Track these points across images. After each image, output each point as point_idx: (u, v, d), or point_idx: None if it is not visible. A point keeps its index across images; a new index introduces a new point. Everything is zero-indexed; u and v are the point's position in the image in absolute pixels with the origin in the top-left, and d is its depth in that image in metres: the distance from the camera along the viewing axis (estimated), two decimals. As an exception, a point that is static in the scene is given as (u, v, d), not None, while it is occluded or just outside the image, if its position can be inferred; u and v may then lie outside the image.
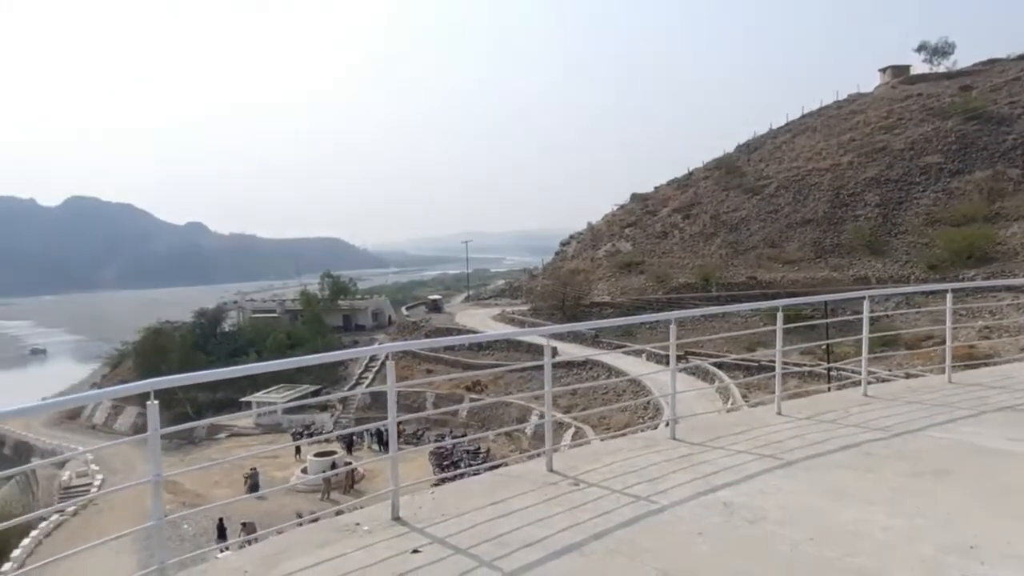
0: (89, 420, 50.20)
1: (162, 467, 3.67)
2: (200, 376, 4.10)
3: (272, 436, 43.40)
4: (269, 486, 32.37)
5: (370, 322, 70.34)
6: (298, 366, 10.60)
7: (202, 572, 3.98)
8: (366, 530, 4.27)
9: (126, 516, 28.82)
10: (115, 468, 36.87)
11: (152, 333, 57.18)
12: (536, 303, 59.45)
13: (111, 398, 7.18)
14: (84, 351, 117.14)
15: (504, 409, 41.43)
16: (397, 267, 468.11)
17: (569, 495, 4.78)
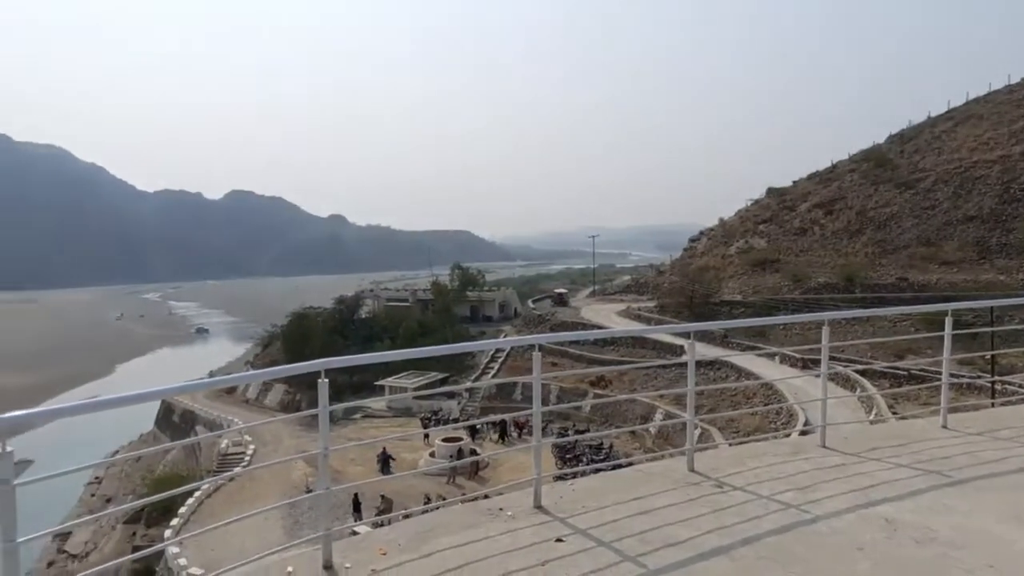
0: (243, 395, 54.90)
1: (329, 442, 3.94)
2: (366, 358, 4.39)
3: (403, 419, 45.47)
4: (399, 467, 33.95)
5: (497, 314, 71.82)
6: (451, 353, 10.94)
7: (360, 541, 4.26)
8: (509, 515, 4.40)
9: (273, 484, 31.39)
10: (265, 440, 40.15)
11: (297, 318, 61.50)
12: (663, 300, 58.22)
13: (275, 377, 8.01)
14: (240, 331, 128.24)
15: (628, 406, 40.98)
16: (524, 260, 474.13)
17: (713, 497, 4.68)
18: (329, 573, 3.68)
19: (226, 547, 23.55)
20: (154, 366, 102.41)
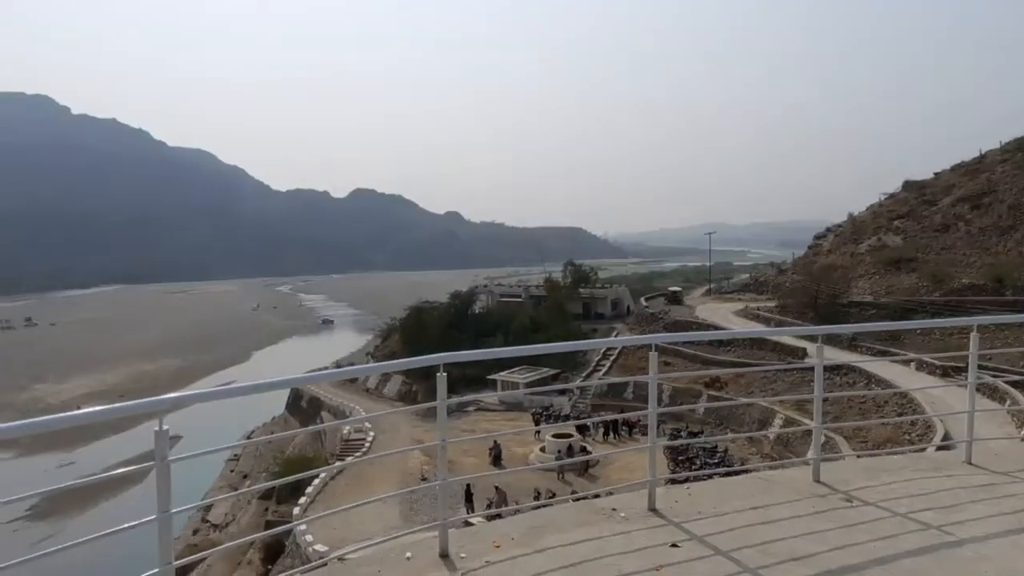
0: (364, 384, 57.64)
1: (447, 433, 4.05)
2: (484, 354, 4.49)
3: (514, 414, 46.06)
4: (509, 460, 34.44)
5: (609, 311, 71.14)
6: (566, 351, 11.12)
7: (475, 532, 4.35)
8: (623, 516, 4.36)
9: (391, 470, 32.75)
10: (383, 428, 41.95)
11: (415, 311, 63.75)
12: (784, 300, 55.45)
13: (397, 369, 8.25)
14: (362, 323, 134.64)
15: (745, 410, 39.40)
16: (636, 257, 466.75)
17: (841, 511, 4.41)
18: (445, 561, 3.78)
19: (347, 527, 24.86)
20: (285, 354, 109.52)
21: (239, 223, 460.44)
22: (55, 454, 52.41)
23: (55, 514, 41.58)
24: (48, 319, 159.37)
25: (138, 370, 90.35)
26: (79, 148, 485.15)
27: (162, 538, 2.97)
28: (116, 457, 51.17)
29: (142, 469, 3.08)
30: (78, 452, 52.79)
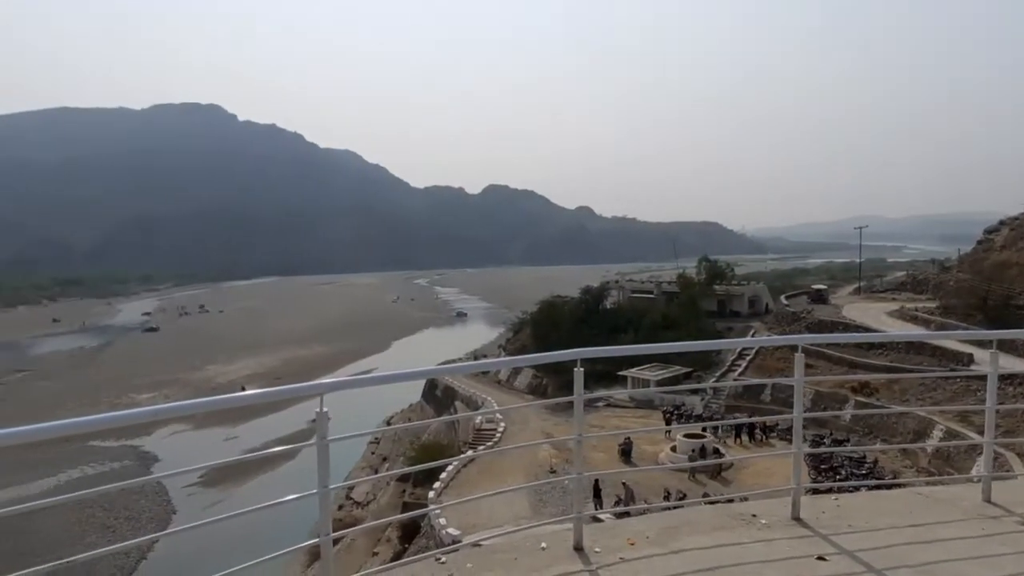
0: (496, 376, 59.03)
1: (583, 428, 4.09)
2: (621, 350, 4.47)
3: (644, 411, 45.33)
4: (639, 458, 33.96)
5: (745, 309, 68.11)
6: (703, 350, 10.74)
7: (609, 527, 4.36)
8: (764, 523, 4.20)
9: (521, 462, 33.33)
10: (514, 420, 42.76)
11: (546, 306, 64.31)
12: (948, 300, 50.51)
13: (532, 363, 8.51)
14: (494, 317, 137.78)
15: (898, 419, 36.37)
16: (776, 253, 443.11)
17: (1017, 536, 3.99)
18: (580, 555, 3.81)
19: (478, 513, 25.65)
20: (421, 344, 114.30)
21: (381, 219, 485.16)
22: (223, 428, 58.05)
23: (223, 482, 46.07)
24: (217, 307, 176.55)
25: (292, 355, 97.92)
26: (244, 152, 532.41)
27: (322, 511, 3.22)
28: (273, 435, 55.87)
29: (304, 447, 3.39)
30: (241, 428, 58.12)
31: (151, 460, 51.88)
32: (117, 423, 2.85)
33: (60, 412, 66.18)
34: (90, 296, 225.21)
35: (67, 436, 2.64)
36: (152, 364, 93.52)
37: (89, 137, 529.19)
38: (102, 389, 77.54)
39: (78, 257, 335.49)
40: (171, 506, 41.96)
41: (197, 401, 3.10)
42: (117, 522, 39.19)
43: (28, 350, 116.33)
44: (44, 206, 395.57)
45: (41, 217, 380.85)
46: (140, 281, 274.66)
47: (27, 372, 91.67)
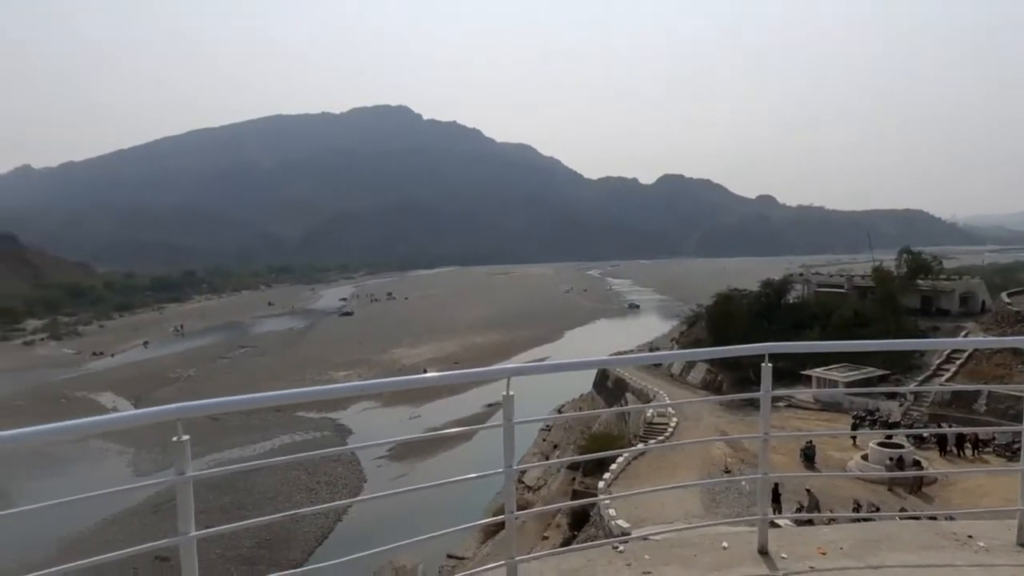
0: (668, 369, 57.84)
1: (769, 426, 3.97)
2: (813, 346, 4.27)
3: (830, 414, 42.16)
4: (823, 464, 31.71)
5: (956, 307, 60.59)
6: (913, 349, 9.62)
7: (796, 534, 4.17)
8: (982, 546, 3.81)
9: (693, 458, 32.51)
10: (686, 415, 41.72)
11: (722, 299, 61.70)
12: None
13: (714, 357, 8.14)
14: (667, 309, 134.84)
15: None
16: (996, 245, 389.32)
17: None
18: (764, 558, 3.68)
19: (647, 507, 25.45)
20: (593, 335, 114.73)
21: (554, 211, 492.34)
22: (408, 408, 62.52)
23: (407, 457, 49.70)
24: (403, 294, 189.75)
25: (469, 341, 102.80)
26: (428, 149, 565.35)
27: (507, 490, 3.47)
28: (451, 416, 59.19)
29: (490, 428, 3.65)
30: (423, 408, 62.23)
31: (346, 432, 57.13)
32: (323, 396, 3.30)
33: (275, 383, 75.00)
34: (298, 283, 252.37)
35: (247, 409, 3.10)
36: (347, 345, 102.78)
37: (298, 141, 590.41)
38: (307, 366, 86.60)
39: (289, 248, 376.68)
40: (363, 475, 45.99)
41: (398, 380, 3.51)
42: (318, 485, 43.71)
43: (249, 329, 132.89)
44: (262, 204, 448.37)
45: (259, 214, 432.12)
46: (338, 270, 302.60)
47: (248, 348, 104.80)
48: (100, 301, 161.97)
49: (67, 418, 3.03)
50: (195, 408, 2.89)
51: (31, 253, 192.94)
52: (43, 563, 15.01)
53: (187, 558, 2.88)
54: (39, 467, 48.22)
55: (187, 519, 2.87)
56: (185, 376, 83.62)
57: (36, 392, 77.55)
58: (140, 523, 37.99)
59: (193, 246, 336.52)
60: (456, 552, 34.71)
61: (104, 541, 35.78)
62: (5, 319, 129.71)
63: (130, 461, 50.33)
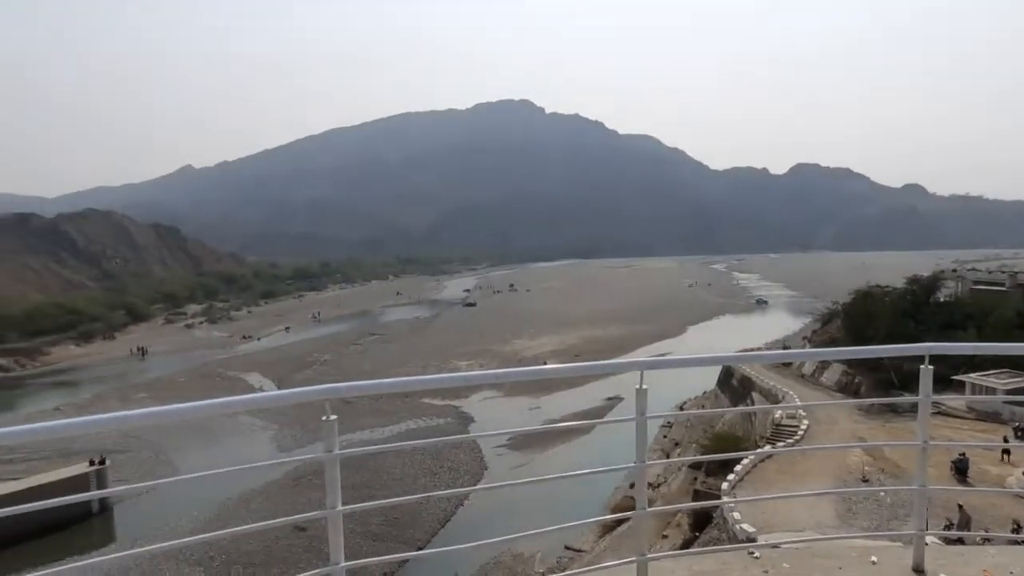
0: (799, 369, 54.88)
1: (928, 433, 3.70)
2: (981, 347, 3.96)
3: (986, 425, 38.36)
4: (977, 479, 28.92)
5: None
6: None
7: (958, 554, 3.81)
8: None
9: (826, 464, 30.71)
10: (819, 418, 39.46)
11: (861, 296, 57.64)
12: None
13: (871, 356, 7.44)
14: (798, 306, 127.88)
15: None
16: None
17: None
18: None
19: (775, 512, 24.34)
20: (717, 331, 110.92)
21: (678, 203, 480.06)
22: (528, 399, 63.33)
23: (527, 447, 50.43)
24: (525, 286, 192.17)
25: (589, 334, 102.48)
26: (550, 143, 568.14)
27: (639, 485, 3.46)
28: (569, 408, 59.35)
29: (622, 421, 3.64)
30: (543, 399, 62.79)
31: (468, 420, 58.75)
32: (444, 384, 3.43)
33: (401, 370, 78.47)
34: (424, 273, 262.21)
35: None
36: (470, 335, 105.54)
37: (425, 137, 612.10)
38: (431, 354, 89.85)
39: (415, 240, 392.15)
40: (484, 463, 47.14)
41: (532, 369, 3.57)
42: (441, 470, 45.29)
43: (379, 318, 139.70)
44: (390, 197, 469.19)
45: (388, 206, 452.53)
46: (462, 261, 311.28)
47: (377, 336, 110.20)
48: (249, 288, 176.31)
49: (221, 395, 3.39)
50: (342, 390, 3.08)
51: (192, 244, 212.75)
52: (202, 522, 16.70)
53: (334, 530, 3.07)
54: (198, 438, 53.31)
55: (334, 494, 3.06)
56: (321, 360, 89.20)
57: (196, 371, 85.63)
58: (280, 495, 41.04)
59: (328, 237, 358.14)
60: (574, 544, 34.84)
61: (252, 509, 39.00)
62: (171, 304, 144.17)
63: (272, 437, 54.46)
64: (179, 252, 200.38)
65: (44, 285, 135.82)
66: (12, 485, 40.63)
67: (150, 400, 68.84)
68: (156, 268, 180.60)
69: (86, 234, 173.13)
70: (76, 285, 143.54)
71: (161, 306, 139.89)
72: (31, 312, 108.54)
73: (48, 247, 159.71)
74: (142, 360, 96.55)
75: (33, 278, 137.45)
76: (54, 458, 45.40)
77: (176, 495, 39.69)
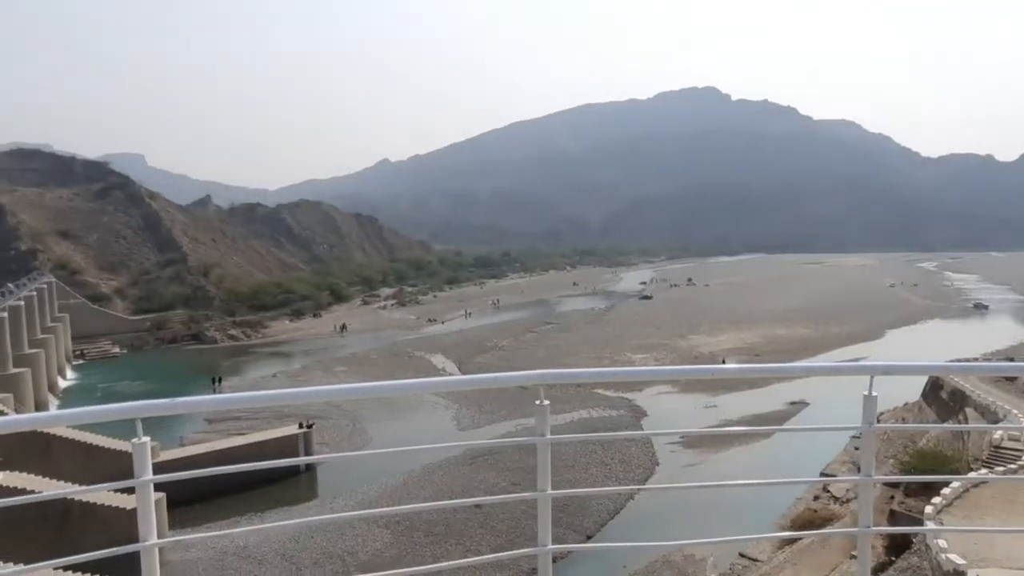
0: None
1: None
2: None
3: None
4: None
5: None
6: None
7: None
8: None
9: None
10: (1051, 444, 34.27)
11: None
12: None
13: None
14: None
15: None
16: None
17: None
18: None
19: (991, 545, 21.59)
20: (924, 336, 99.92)
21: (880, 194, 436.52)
22: (704, 396, 61.31)
23: (700, 447, 48.97)
24: (703, 281, 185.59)
25: (772, 333, 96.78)
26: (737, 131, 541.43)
27: (864, 501, 3.14)
28: (748, 410, 56.63)
29: (846, 429, 3.46)
30: (720, 398, 60.44)
31: (640, 413, 58.11)
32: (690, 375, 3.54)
33: (574, 359, 79.52)
34: (600, 265, 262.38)
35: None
36: (644, 328, 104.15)
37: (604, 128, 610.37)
38: (605, 345, 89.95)
39: (592, 231, 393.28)
40: (655, 458, 46.44)
41: (752, 367, 3.60)
42: (612, 462, 45.32)
43: (555, 307, 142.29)
44: (569, 189, 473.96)
45: (566, 197, 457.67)
46: (639, 253, 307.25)
47: (552, 325, 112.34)
48: (435, 275, 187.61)
49: (409, 371, 3.80)
50: (554, 376, 3.33)
51: (387, 232, 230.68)
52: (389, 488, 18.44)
53: (543, 512, 3.26)
54: (387, 411, 57.99)
55: (545, 477, 3.27)
56: (500, 346, 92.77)
57: (386, 349, 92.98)
58: (458, 471, 43.48)
59: (508, 228, 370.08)
60: (749, 552, 33.40)
61: (433, 482, 41.79)
62: (367, 287, 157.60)
63: (453, 415, 57.73)
64: (376, 239, 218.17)
65: (266, 266, 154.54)
66: (239, 439, 47.14)
67: (347, 373, 75.91)
68: (356, 253, 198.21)
69: (300, 221, 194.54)
70: (291, 267, 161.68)
71: (359, 288, 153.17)
72: (256, 290, 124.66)
73: (270, 233, 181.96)
74: (341, 336, 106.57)
75: (258, 260, 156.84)
76: (271, 419, 51.76)
77: (367, 462, 43.67)
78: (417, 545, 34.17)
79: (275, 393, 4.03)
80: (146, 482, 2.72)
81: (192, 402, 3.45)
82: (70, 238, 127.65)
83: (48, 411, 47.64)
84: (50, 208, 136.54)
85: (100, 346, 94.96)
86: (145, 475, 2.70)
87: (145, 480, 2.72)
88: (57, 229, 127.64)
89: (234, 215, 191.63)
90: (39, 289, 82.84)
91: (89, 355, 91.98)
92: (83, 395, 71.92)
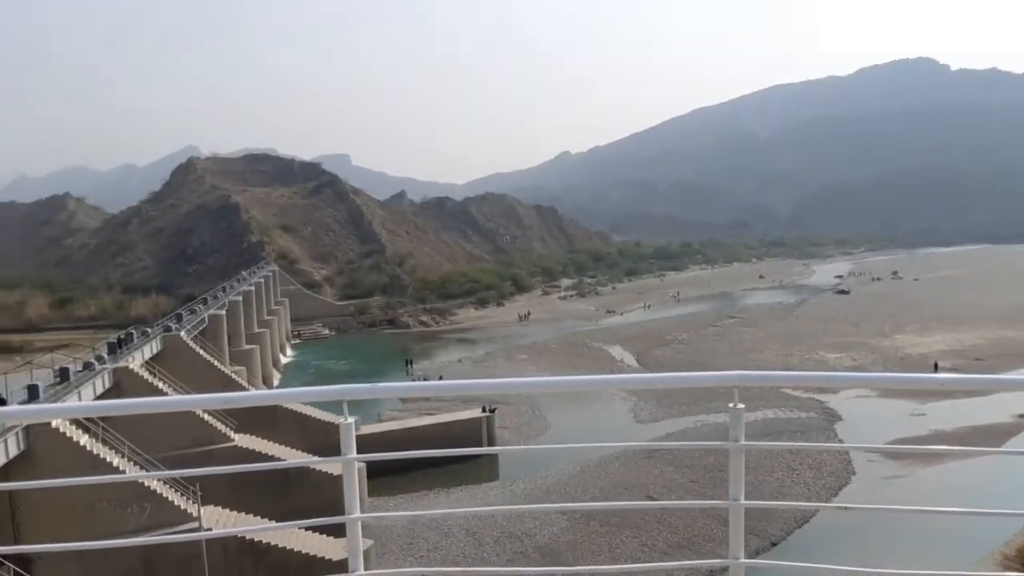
0: None
1: None
2: None
3: None
4: None
5: None
6: None
7: None
8: None
9: None
10: None
11: None
12: None
13: None
14: None
15: None
16: None
17: None
18: None
19: None
20: None
21: None
22: (910, 402, 55.26)
23: (905, 457, 44.54)
24: (912, 274, 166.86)
25: (995, 334, 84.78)
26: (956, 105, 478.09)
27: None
28: (965, 421, 50.42)
29: None
30: (930, 405, 54.22)
31: (834, 417, 53.84)
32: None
33: (758, 356, 75.62)
34: (789, 257, 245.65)
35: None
36: (839, 325, 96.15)
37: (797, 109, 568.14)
38: (794, 342, 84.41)
39: (780, 221, 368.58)
40: (851, 467, 42.89)
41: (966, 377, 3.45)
42: (801, 467, 42.53)
43: (739, 301, 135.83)
44: (755, 176, 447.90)
45: (751, 186, 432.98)
46: (834, 245, 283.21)
47: (736, 319, 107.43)
48: (614, 266, 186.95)
49: (587, 362, 3.92)
50: (753, 378, 3.33)
51: (566, 223, 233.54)
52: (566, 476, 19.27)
53: (735, 522, 3.25)
54: (566, 401, 59.17)
55: (738, 485, 3.26)
56: (679, 339, 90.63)
57: (565, 338, 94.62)
58: (635, 463, 43.37)
59: (689, 218, 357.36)
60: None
61: (609, 472, 42.16)
62: (547, 277, 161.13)
63: (631, 408, 57.54)
64: (556, 231, 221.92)
65: (454, 257, 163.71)
66: (428, 419, 50.77)
67: (528, 362, 78.35)
68: (537, 244, 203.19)
69: (485, 214, 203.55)
70: (476, 258, 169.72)
71: (539, 279, 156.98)
72: (444, 279, 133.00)
73: (457, 225, 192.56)
74: (523, 325, 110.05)
75: (446, 251, 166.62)
76: (456, 402, 55.01)
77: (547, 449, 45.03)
78: (592, 533, 34.72)
79: (464, 383, 4.90)
80: (351, 460, 2.95)
81: (390, 388, 4.11)
82: (290, 231, 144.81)
83: (274, 389, 54.95)
84: (274, 205, 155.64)
85: (313, 328, 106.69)
86: (351, 453, 2.95)
87: (351, 458, 2.95)
88: (280, 223, 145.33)
89: (426, 208, 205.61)
90: (265, 276, 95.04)
91: (304, 336, 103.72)
92: (299, 371, 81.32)
